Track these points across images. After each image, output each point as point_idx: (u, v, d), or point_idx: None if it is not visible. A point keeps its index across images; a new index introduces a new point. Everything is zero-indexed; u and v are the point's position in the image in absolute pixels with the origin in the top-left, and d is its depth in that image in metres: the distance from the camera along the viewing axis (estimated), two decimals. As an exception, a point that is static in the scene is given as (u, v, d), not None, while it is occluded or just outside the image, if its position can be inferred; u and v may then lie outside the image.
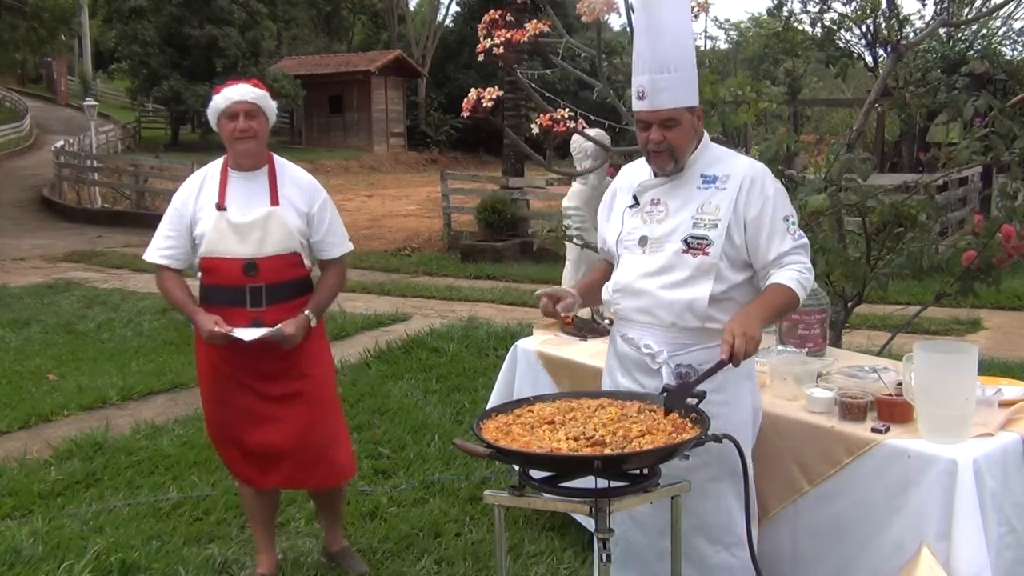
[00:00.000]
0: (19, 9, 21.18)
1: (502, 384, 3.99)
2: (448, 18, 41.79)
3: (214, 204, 3.32)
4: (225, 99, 3.30)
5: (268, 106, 3.37)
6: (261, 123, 3.35)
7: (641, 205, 2.71)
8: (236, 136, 3.30)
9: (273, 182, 3.38)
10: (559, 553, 3.72)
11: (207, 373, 3.42)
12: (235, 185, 3.36)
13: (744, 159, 2.72)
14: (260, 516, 3.60)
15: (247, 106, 3.30)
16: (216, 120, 3.36)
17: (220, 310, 3.29)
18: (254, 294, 3.29)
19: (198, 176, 3.44)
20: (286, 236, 3.32)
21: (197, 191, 3.38)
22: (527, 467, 2.39)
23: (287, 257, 3.34)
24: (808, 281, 2.60)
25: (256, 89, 3.35)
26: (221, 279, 3.30)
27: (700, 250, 2.59)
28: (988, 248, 3.89)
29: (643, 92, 2.57)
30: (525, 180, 15.37)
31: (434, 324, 8.03)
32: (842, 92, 23.26)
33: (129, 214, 18.92)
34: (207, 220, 3.31)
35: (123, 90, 40.37)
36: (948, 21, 13.33)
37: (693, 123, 2.63)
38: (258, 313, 3.29)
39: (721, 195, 2.61)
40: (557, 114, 3.98)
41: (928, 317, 7.31)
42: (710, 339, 2.60)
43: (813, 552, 2.81)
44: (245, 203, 3.32)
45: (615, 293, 2.74)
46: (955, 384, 2.51)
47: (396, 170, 34.11)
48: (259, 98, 3.32)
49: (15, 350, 7.68)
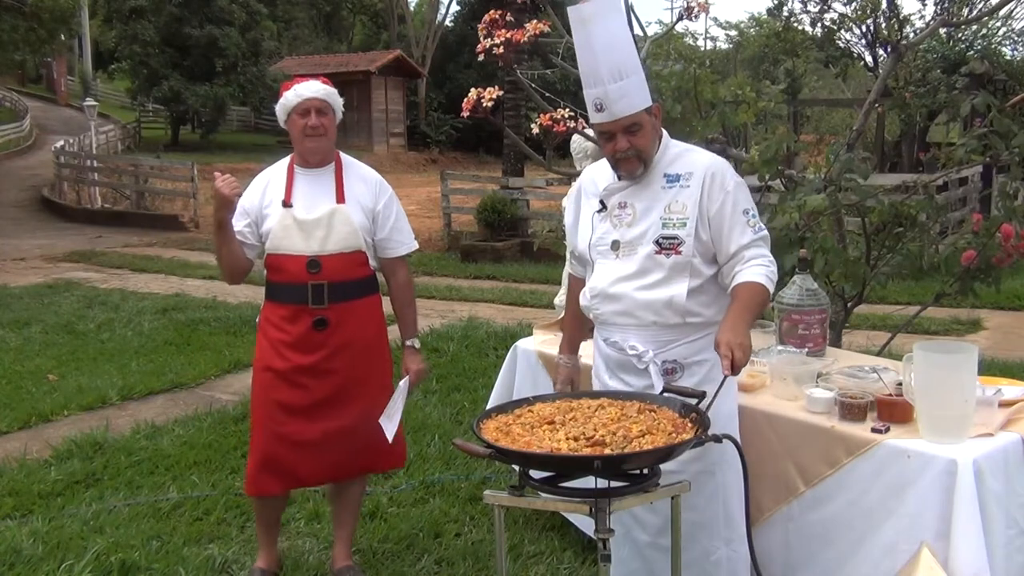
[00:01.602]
0: (19, 9, 21.17)
1: (502, 384, 3.99)
2: (448, 18, 41.80)
3: (280, 201, 3.31)
4: (297, 95, 3.28)
5: (337, 103, 3.38)
6: (331, 120, 3.35)
7: (609, 209, 2.74)
8: (307, 133, 3.29)
9: (340, 179, 3.37)
10: (559, 553, 3.72)
11: (259, 360, 3.39)
12: (301, 182, 3.35)
13: (704, 155, 2.75)
14: (271, 515, 3.57)
15: (319, 103, 3.29)
16: (286, 116, 3.35)
17: (284, 308, 3.32)
18: (316, 291, 3.27)
19: (264, 175, 3.43)
20: (350, 233, 3.31)
21: (263, 189, 3.37)
22: (527, 467, 2.39)
23: (351, 255, 3.33)
24: (774, 274, 2.63)
25: (327, 86, 3.35)
26: (285, 276, 3.30)
27: (672, 250, 2.63)
28: (988, 248, 3.89)
29: (600, 104, 2.60)
30: (525, 180, 15.37)
31: (434, 324, 8.03)
32: (842, 92, 23.25)
33: (129, 214, 18.93)
34: (273, 216, 3.31)
35: (123, 90, 40.37)
36: (948, 21, 13.34)
37: (653, 123, 2.67)
38: (321, 311, 3.29)
39: (686, 193, 2.65)
40: (557, 114, 3.98)
41: (928, 317, 7.32)
42: (693, 333, 2.67)
43: (804, 555, 2.80)
44: (311, 200, 3.32)
45: (593, 299, 2.77)
46: (955, 384, 2.51)
47: (396, 170, 34.05)
48: (330, 95, 3.32)
49: (15, 350, 7.67)
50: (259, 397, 3.40)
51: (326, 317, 3.29)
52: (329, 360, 3.31)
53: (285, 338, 3.31)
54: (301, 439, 3.34)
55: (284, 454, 3.37)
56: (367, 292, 3.41)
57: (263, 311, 3.43)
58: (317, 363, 3.30)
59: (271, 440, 3.36)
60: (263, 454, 3.38)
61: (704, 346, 2.67)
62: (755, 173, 4.21)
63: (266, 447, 3.37)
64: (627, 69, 2.58)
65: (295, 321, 3.29)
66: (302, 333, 3.29)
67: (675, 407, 2.47)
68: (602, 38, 2.59)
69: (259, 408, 3.40)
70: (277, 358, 3.32)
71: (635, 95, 2.60)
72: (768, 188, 4.27)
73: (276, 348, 3.32)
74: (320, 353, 3.30)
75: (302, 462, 3.38)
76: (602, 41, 2.59)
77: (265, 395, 3.37)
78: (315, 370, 3.31)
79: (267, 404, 3.36)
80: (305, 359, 3.30)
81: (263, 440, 3.38)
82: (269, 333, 3.36)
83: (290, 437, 3.34)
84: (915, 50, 13.53)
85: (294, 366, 3.30)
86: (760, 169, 4.07)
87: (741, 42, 33.06)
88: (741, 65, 27.42)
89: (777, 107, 4.49)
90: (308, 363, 3.30)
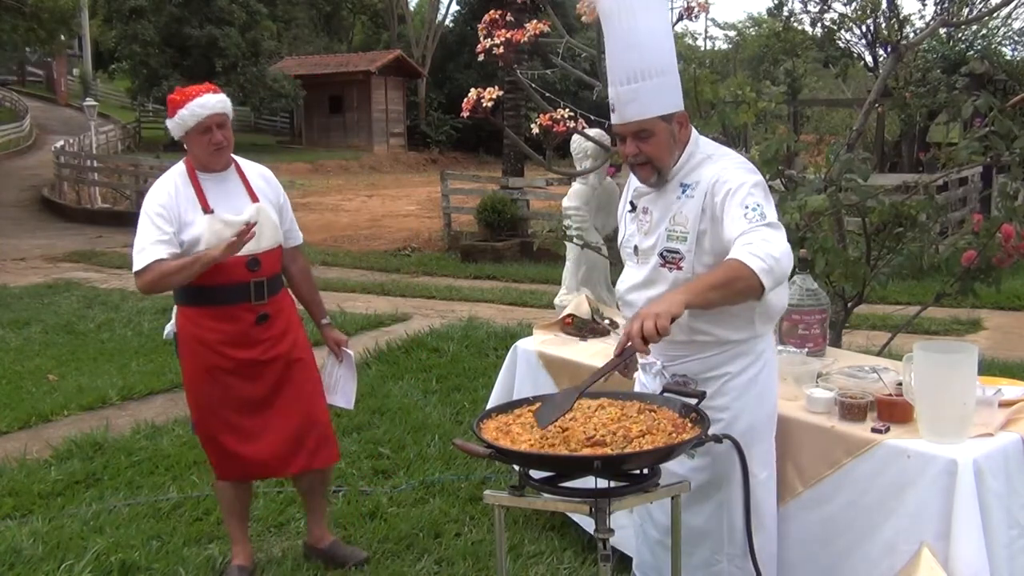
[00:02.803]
0: (19, 9, 21.17)
1: (502, 384, 3.98)
2: (448, 18, 41.81)
3: (198, 208, 3.30)
4: (194, 114, 3.26)
5: (230, 108, 3.38)
6: (229, 128, 3.38)
7: (637, 211, 2.67)
8: (214, 149, 3.32)
9: (244, 179, 3.45)
10: (559, 553, 3.72)
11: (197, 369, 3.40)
12: (210, 187, 3.37)
13: (720, 163, 2.51)
14: (239, 509, 3.62)
15: (219, 118, 3.32)
16: (183, 134, 3.31)
17: (219, 308, 3.33)
18: (258, 288, 3.37)
19: (168, 182, 3.35)
20: (274, 229, 3.44)
21: (174, 196, 3.31)
22: (527, 467, 2.39)
23: (277, 250, 3.47)
24: (764, 251, 2.25)
25: (220, 95, 3.34)
26: (224, 278, 3.31)
27: (675, 264, 2.52)
28: (988, 248, 3.88)
29: (613, 105, 2.49)
30: (525, 180, 15.36)
31: (434, 324, 8.03)
32: (842, 92, 23.25)
33: (129, 214, 18.85)
34: (197, 224, 3.29)
35: (123, 90, 40.35)
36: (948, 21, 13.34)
37: (672, 132, 2.48)
38: (261, 306, 3.39)
39: (689, 204, 2.49)
40: (557, 114, 3.98)
41: (928, 317, 7.31)
42: (701, 350, 2.58)
43: (802, 555, 2.79)
44: (227, 202, 3.36)
45: (619, 301, 2.78)
46: (955, 384, 2.51)
47: (396, 170, 34.09)
48: (225, 105, 3.34)
49: (15, 350, 7.68)
50: (211, 397, 3.41)
51: (268, 312, 3.41)
52: (268, 351, 3.42)
53: (223, 337, 3.36)
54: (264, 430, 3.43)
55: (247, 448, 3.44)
56: (283, 283, 3.58)
57: (185, 316, 3.41)
58: (258, 356, 3.40)
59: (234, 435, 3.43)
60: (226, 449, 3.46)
61: (718, 363, 2.58)
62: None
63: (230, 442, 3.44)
64: (645, 71, 2.40)
65: (233, 319, 3.35)
66: (242, 330, 3.38)
67: (675, 407, 2.47)
68: (621, 35, 2.43)
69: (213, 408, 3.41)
70: (219, 358, 3.37)
71: (649, 100, 2.43)
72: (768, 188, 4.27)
73: (214, 349, 3.36)
74: (261, 346, 3.41)
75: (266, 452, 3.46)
76: (621, 38, 2.43)
77: (219, 394, 3.40)
78: (257, 363, 3.40)
79: (223, 402, 3.40)
80: (248, 354, 3.39)
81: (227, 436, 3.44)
82: (202, 336, 3.36)
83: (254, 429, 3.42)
84: (915, 50, 13.53)
85: (239, 361, 3.37)
86: (760, 169, 4.07)
87: (740, 42, 33.06)
88: (741, 65, 27.42)
89: (777, 107, 4.49)
90: (250, 357, 3.39)
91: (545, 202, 15.11)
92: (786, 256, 2.32)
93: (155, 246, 3.26)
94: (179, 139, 3.37)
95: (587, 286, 5.81)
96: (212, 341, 3.36)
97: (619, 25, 2.44)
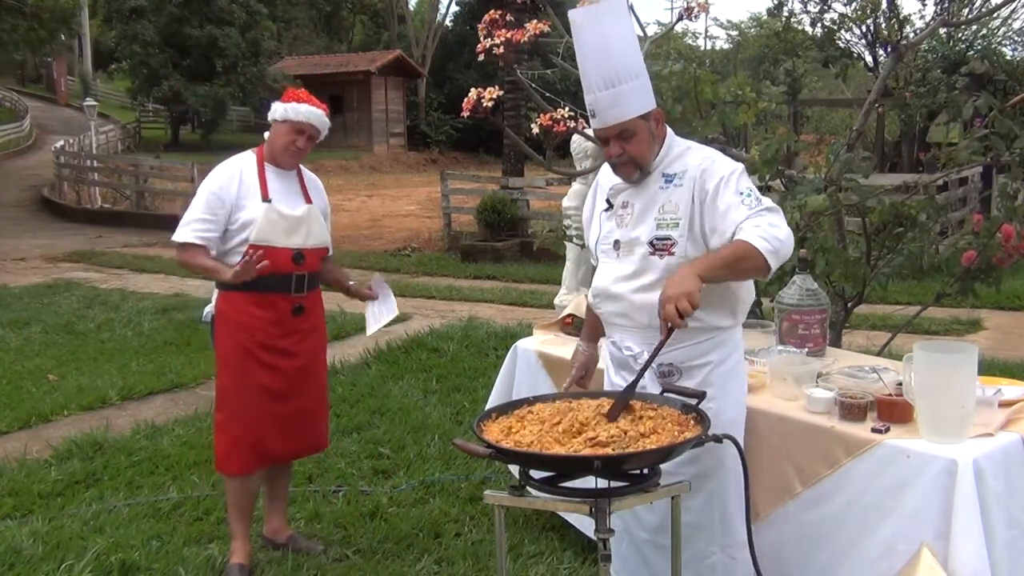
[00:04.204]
0: (19, 9, 21.17)
1: (501, 384, 3.98)
2: (448, 18, 41.82)
3: (258, 195, 3.49)
4: (297, 114, 3.51)
5: (325, 131, 3.61)
6: (310, 146, 3.62)
7: (614, 208, 2.73)
8: (292, 150, 3.54)
9: (303, 183, 3.68)
10: (559, 553, 3.72)
11: (233, 350, 3.52)
12: (273, 180, 3.57)
13: (700, 152, 2.66)
14: (246, 505, 3.66)
15: (314, 131, 3.56)
16: (280, 121, 3.53)
17: (259, 295, 3.49)
18: (299, 281, 3.57)
19: (234, 166, 3.56)
20: (322, 231, 3.65)
21: (237, 179, 3.53)
22: (527, 467, 2.39)
23: (321, 250, 3.66)
24: (774, 238, 2.43)
25: (325, 116, 3.59)
26: (271, 267, 3.43)
27: (666, 250, 2.59)
28: (988, 248, 3.88)
29: (593, 111, 2.60)
30: (525, 180, 15.36)
31: (434, 324, 8.03)
32: (842, 92, 23.24)
33: (129, 214, 18.92)
34: (254, 209, 3.47)
35: (123, 90, 40.37)
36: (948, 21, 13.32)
37: (651, 129, 2.61)
38: (300, 299, 3.59)
39: (679, 193, 2.60)
40: (557, 114, 3.98)
41: (928, 317, 7.31)
42: (690, 336, 2.61)
43: (800, 555, 2.79)
44: (285, 198, 3.56)
45: (595, 298, 2.77)
46: (955, 384, 2.51)
47: (396, 170, 34.10)
48: (324, 126, 3.57)
49: (15, 350, 7.68)
50: (242, 381, 3.53)
51: (304, 304, 3.60)
52: (299, 343, 3.61)
53: (260, 323, 3.51)
54: (282, 418, 3.57)
55: (267, 433, 3.56)
56: (319, 283, 3.75)
57: (226, 300, 3.55)
58: (289, 346, 3.58)
59: (258, 420, 3.53)
60: (250, 435, 3.53)
61: (703, 351, 2.65)
62: (755, 173, 4.20)
63: (254, 428, 3.53)
64: (620, 76, 2.54)
65: (271, 307, 3.52)
66: (279, 319, 3.54)
67: (675, 407, 2.47)
68: (594, 45, 2.57)
69: (243, 392, 3.53)
70: (253, 342, 3.51)
71: (627, 103, 2.56)
72: (768, 188, 4.27)
73: (250, 333, 3.51)
74: (293, 337, 3.59)
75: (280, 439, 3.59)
76: (594, 48, 2.57)
77: (249, 379, 3.52)
78: (287, 352, 3.57)
79: (252, 387, 3.53)
80: (280, 342, 3.55)
81: (252, 421, 3.53)
82: (241, 320, 3.51)
83: (274, 416, 3.55)
84: (915, 50, 13.53)
85: (270, 348, 3.53)
86: (760, 169, 4.07)
87: (741, 42, 33.06)
88: (741, 65, 27.40)
89: (777, 107, 4.48)
90: (282, 346, 3.56)
91: (545, 202, 15.11)
92: (789, 238, 2.50)
93: (194, 229, 3.47)
94: (272, 121, 3.55)
95: (587, 286, 5.78)
96: (250, 325, 3.50)
97: (591, 36, 2.58)
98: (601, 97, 2.56)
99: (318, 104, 3.59)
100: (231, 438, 3.55)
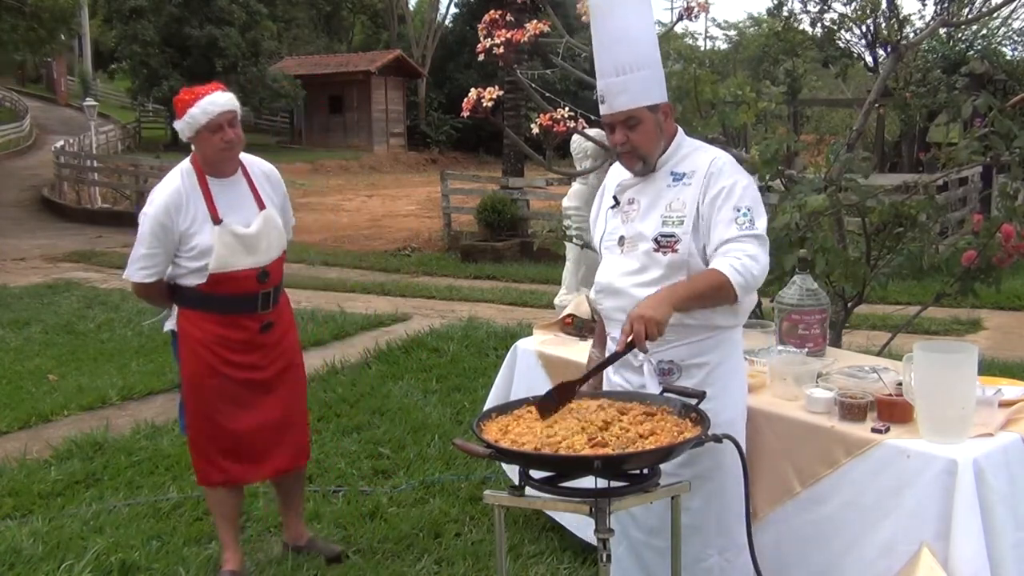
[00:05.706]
0: (19, 9, 21.17)
1: (500, 384, 3.98)
2: (448, 18, 41.81)
3: (206, 218, 3.27)
4: (205, 112, 3.21)
5: (239, 106, 3.36)
6: (239, 126, 3.34)
7: (620, 205, 2.73)
8: (225, 149, 3.27)
9: (251, 183, 3.42)
10: (559, 553, 3.72)
11: (197, 372, 3.40)
12: (219, 193, 3.33)
13: (711, 153, 2.66)
14: (231, 514, 3.61)
15: (229, 115, 3.27)
16: (193, 134, 3.25)
17: (228, 318, 3.34)
18: (264, 299, 3.42)
19: (174, 187, 3.30)
20: (280, 235, 3.46)
21: (182, 202, 3.28)
22: (527, 467, 2.39)
23: (282, 257, 3.50)
24: (747, 269, 2.46)
25: (229, 94, 3.31)
26: (231, 288, 3.32)
27: (670, 247, 2.59)
28: (988, 248, 3.88)
29: (602, 97, 2.60)
30: (525, 180, 15.37)
31: (434, 324, 8.03)
32: (842, 92, 23.23)
33: (129, 214, 18.82)
34: (205, 234, 3.27)
35: (123, 90, 40.37)
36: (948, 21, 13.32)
37: (658, 121, 2.61)
38: (268, 315, 3.44)
39: (687, 191, 2.60)
40: (557, 114, 3.98)
41: (928, 317, 7.31)
42: (690, 334, 2.61)
43: (797, 555, 2.79)
44: (236, 211, 3.33)
45: (598, 293, 2.77)
46: (955, 384, 2.51)
47: (396, 170, 34.10)
48: (234, 103, 3.31)
49: (15, 350, 7.68)
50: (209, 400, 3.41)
51: (271, 320, 3.45)
52: (267, 356, 3.47)
53: (226, 342, 3.37)
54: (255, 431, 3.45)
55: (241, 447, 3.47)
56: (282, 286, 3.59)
57: (187, 319, 3.40)
58: (257, 360, 3.44)
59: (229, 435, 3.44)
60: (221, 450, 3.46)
61: (704, 348, 2.64)
62: (755, 173, 4.20)
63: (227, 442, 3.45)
64: (633, 64, 2.54)
65: (238, 328, 3.37)
66: (246, 338, 3.39)
67: (675, 407, 2.46)
68: (610, 31, 2.57)
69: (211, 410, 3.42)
70: (219, 361, 3.37)
71: (637, 91, 2.56)
72: (768, 188, 4.27)
73: (215, 352, 3.36)
74: (260, 352, 3.45)
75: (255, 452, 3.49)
76: (611, 34, 2.57)
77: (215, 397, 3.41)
78: (255, 367, 3.44)
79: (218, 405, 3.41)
80: (248, 359, 3.42)
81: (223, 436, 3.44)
82: (204, 339, 3.36)
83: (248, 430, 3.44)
84: (915, 50, 13.53)
85: (238, 365, 3.39)
86: (760, 169, 4.07)
87: (741, 42, 33.06)
88: (741, 65, 27.41)
89: (777, 107, 4.49)
90: (250, 361, 3.43)
91: (545, 202, 15.12)
92: (763, 271, 2.53)
93: (140, 267, 3.34)
94: (188, 140, 3.30)
95: (587, 286, 5.80)
96: (214, 344, 3.37)
97: (609, 21, 2.58)
98: (612, 83, 2.56)
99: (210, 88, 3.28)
100: (202, 454, 3.49)
